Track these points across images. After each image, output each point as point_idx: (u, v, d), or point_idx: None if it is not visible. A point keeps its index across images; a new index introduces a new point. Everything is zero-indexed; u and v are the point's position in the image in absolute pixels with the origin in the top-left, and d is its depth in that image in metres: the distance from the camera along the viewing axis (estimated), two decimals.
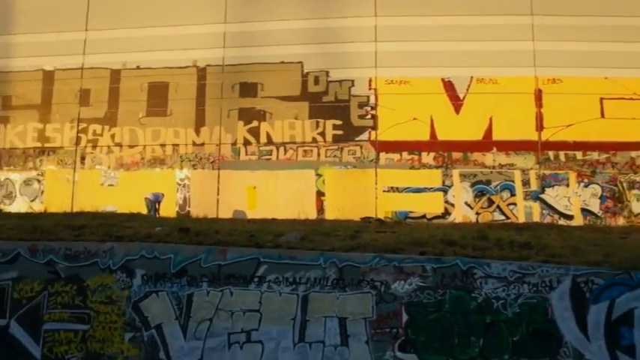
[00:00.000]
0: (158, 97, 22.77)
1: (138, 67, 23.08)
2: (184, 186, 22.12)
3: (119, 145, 22.83)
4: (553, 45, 21.03)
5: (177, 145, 22.43)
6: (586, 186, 20.58)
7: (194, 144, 22.34)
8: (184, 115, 22.55)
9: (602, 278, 10.77)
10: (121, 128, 22.90)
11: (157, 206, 20.03)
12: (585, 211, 20.47)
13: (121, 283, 11.90)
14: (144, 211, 18.57)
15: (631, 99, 20.73)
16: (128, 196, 21.34)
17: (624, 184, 20.52)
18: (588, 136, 20.70)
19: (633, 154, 20.62)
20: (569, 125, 20.79)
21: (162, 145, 22.52)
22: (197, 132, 22.36)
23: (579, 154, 20.72)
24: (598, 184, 20.58)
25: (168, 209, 20.53)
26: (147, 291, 11.79)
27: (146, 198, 20.06)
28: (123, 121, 22.94)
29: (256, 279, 11.51)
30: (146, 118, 22.81)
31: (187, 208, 21.69)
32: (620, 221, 20.20)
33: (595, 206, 20.52)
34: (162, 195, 20.37)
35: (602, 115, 20.79)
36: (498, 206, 20.65)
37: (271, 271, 11.50)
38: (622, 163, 20.62)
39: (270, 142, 21.93)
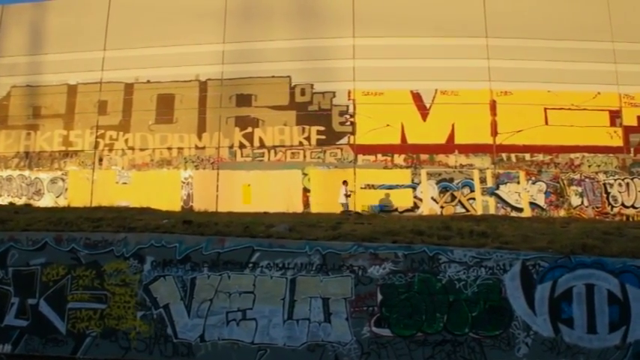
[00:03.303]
0: (165, 107, 22.65)
1: (148, 81, 22.93)
2: (188, 184, 21.99)
3: (132, 148, 22.66)
4: (505, 63, 21.12)
5: (182, 148, 22.29)
6: (533, 183, 20.67)
7: (196, 147, 22.21)
8: (188, 122, 22.42)
9: (547, 262, 10.80)
10: (133, 134, 22.76)
11: (347, 202, 19.98)
12: (533, 205, 20.57)
13: (134, 268, 11.77)
14: (153, 205, 18.33)
15: (570, 109, 20.89)
16: (139, 193, 21.25)
17: (565, 182, 20.64)
18: (535, 141, 20.81)
19: (572, 155, 20.76)
20: (519, 131, 20.88)
21: (169, 149, 22.38)
22: (199, 137, 22.23)
23: (527, 156, 20.81)
24: (543, 182, 20.69)
25: (173, 204, 20.36)
26: (156, 275, 11.66)
27: (342, 203, 19.93)
28: (135, 128, 22.81)
29: (250, 264, 11.41)
30: (155, 125, 22.67)
31: (190, 203, 21.54)
32: (562, 213, 20.32)
33: (541, 200, 20.62)
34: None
35: (546, 123, 20.91)
36: (460, 201, 20.69)
37: (263, 258, 11.40)
38: (563, 164, 20.75)
39: (262, 145, 21.83)
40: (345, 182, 20.22)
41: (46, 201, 22.65)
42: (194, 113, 22.41)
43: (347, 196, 19.87)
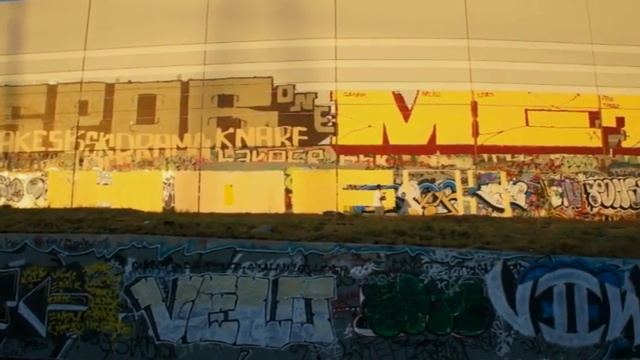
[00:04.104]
0: (147, 108, 22.43)
1: (129, 82, 22.69)
2: (169, 185, 21.82)
3: (113, 149, 22.42)
4: (486, 64, 21.21)
5: (163, 149, 22.08)
6: (514, 183, 20.77)
7: (178, 148, 22.03)
8: (170, 122, 22.22)
9: (528, 261, 10.91)
10: (114, 134, 22.50)
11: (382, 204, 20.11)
12: (514, 205, 20.65)
13: (115, 270, 11.71)
14: (135, 206, 18.15)
15: (549, 110, 21.01)
16: (121, 194, 21.02)
17: (545, 182, 20.77)
18: (515, 141, 20.91)
19: (552, 156, 20.88)
20: (500, 132, 20.98)
21: (150, 149, 22.17)
22: (181, 137, 22.06)
23: (508, 157, 20.91)
24: (524, 182, 20.80)
25: (155, 205, 20.22)
26: (137, 276, 11.62)
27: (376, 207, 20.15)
28: (116, 129, 22.53)
29: (233, 265, 11.40)
30: (136, 125, 22.43)
31: (172, 204, 21.40)
32: (542, 213, 20.42)
33: (522, 200, 20.71)
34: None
35: (527, 124, 21.03)
36: (441, 201, 20.74)
37: (246, 259, 11.39)
38: (543, 164, 20.87)
39: (244, 146, 21.73)
40: (379, 186, 20.29)
41: (26, 202, 22.32)
42: (176, 114, 22.24)
43: (382, 199, 19.92)
